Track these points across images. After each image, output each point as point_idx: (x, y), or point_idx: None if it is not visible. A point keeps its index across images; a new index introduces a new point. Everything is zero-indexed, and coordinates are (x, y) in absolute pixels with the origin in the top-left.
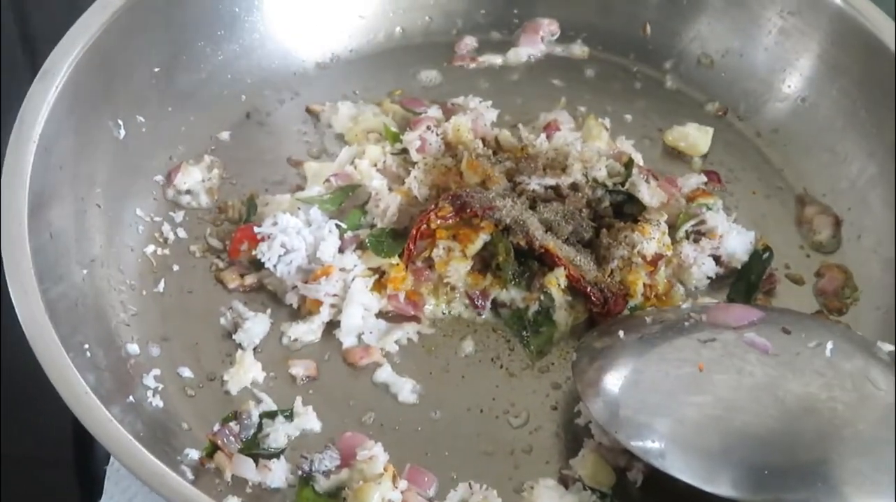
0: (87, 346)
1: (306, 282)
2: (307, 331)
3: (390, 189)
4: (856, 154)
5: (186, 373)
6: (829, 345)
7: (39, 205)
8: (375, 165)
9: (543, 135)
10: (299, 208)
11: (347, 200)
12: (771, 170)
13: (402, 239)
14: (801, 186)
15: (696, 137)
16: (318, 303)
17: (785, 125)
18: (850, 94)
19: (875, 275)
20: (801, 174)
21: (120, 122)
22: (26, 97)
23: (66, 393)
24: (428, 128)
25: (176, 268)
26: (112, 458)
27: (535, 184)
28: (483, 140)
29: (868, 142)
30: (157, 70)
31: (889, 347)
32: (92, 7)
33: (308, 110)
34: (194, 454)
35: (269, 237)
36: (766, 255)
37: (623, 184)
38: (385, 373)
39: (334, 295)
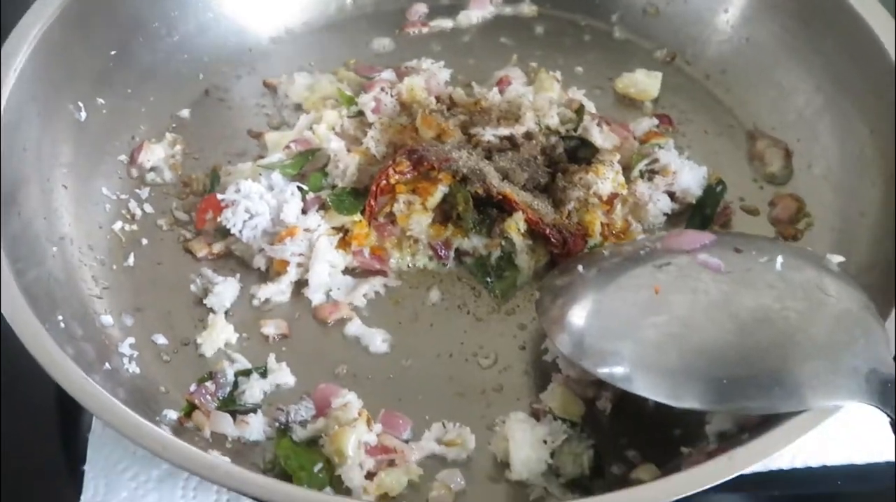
0: (61, 318)
1: (272, 245)
2: (276, 292)
3: (349, 150)
4: (801, 87)
5: (161, 340)
6: (780, 260)
7: (8, 188)
8: (333, 129)
9: (496, 89)
10: (261, 174)
11: (308, 164)
12: (721, 109)
13: (362, 196)
14: (751, 122)
15: (645, 83)
16: (285, 263)
17: (731, 65)
18: (791, 29)
19: (827, 200)
20: (750, 111)
21: (80, 105)
22: None
23: (45, 360)
24: (382, 89)
25: (145, 241)
26: (93, 425)
27: (489, 135)
28: (437, 98)
29: (812, 75)
30: (113, 53)
31: (838, 258)
32: None
33: (265, 83)
34: (173, 414)
35: (232, 203)
36: (719, 188)
37: (575, 130)
38: (355, 327)
39: (300, 254)
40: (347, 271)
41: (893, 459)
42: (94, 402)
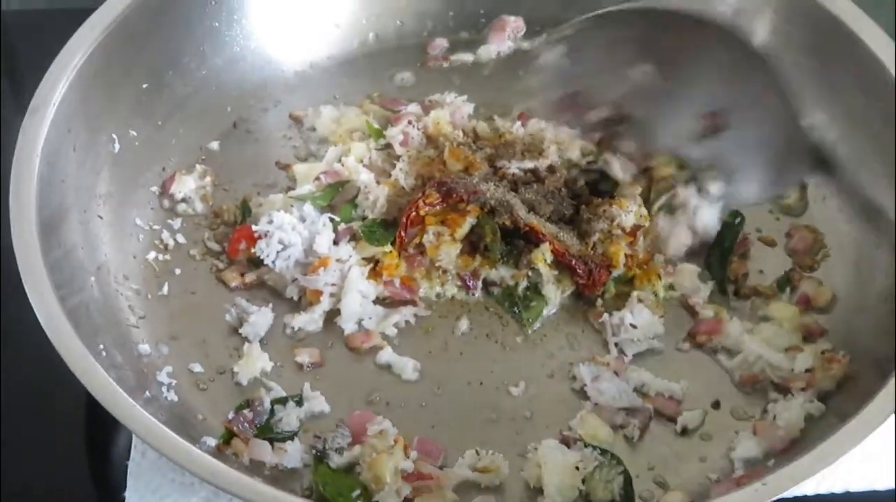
0: (102, 346)
1: (305, 275)
2: (309, 321)
3: (378, 182)
4: (815, 120)
5: (197, 368)
6: None
7: (50, 221)
8: (361, 161)
9: (518, 123)
10: (292, 206)
11: (338, 195)
12: None
13: (392, 228)
14: None
15: None
16: (318, 293)
17: None
18: (803, 63)
19: (842, 230)
20: None
21: (114, 137)
22: (25, 118)
23: (93, 385)
24: (409, 122)
25: (178, 271)
26: (132, 453)
27: (514, 167)
28: (462, 131)
29: (825, 108)
30: (146, 86)
31: None
32: (77, 33)
33: (291, 116)
34: (211, 441)
35: (266, 235)
36: (737, 221)
37: (595, 163)
38: (387, 355)
39: (332, 284)
40: (378, 301)
41: None
42: (142, 427)
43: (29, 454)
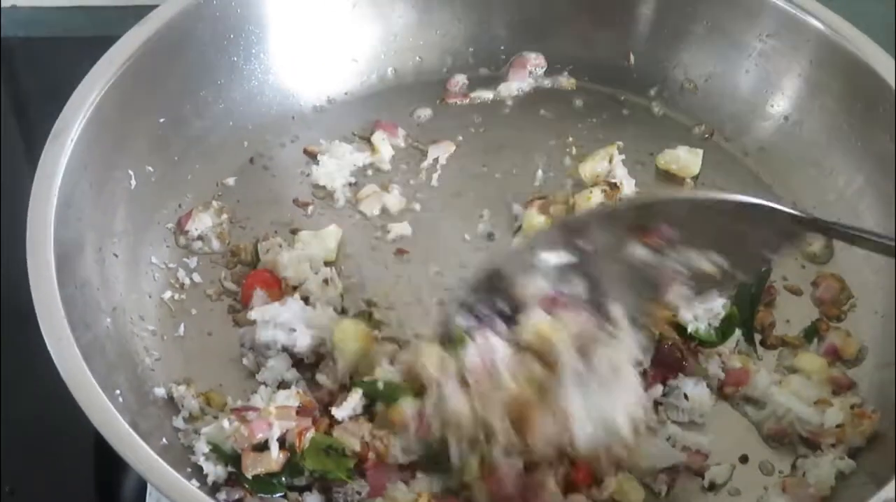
0: (118, 392)
1: None
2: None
3: None
4: (842, 167)
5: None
6: None
7: (65, 257)
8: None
9: None
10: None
11: None
12: (760, 186)
13: None
14: (791, 201)
15: (686, 160)
16: None
17: (771, 143)
18: (832, 110)
19: (869, 280)
20: (789, 189)
21: (131, 173)
22: (42, 155)
23: (110, 435)
24: None
25: (194, 311)
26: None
27: None
28: None
29: (853, 155)
30: (162, 121)
31: None
32: (95, 67)
33: (306, 151)
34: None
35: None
36: (764, 269)
37: None
38: None
39: None
40: None
41: None
42: (164, 482)
43: (36, 498)
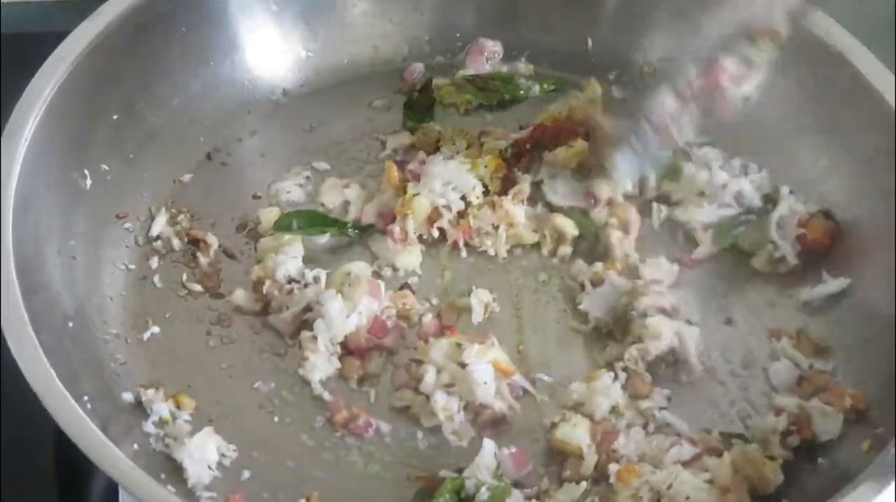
0: (86, 399)
1: None
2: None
3: None
4: (806, 148)
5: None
6: None
7: (24, 261)
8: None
9: None
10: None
11: None
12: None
13: None
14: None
15: None
16: None
17: (732, 125)
18: (794, 91)
19: None
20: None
21: (86, 173)
22: None
23: (83, 442)
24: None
25: (157, 313)
26: None
27: None
28: None
29: (817, 137)
30: (116, 118)
31: None
32: (45, 65)
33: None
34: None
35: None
36: None
37: None
38: None
39: None
40: None
41: None
42: (141, 489)
43: None
